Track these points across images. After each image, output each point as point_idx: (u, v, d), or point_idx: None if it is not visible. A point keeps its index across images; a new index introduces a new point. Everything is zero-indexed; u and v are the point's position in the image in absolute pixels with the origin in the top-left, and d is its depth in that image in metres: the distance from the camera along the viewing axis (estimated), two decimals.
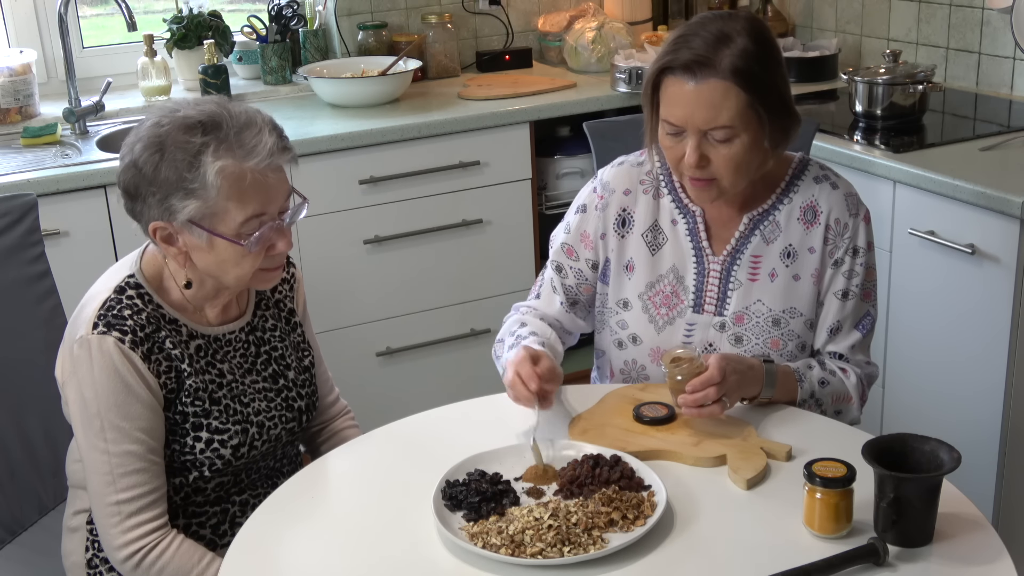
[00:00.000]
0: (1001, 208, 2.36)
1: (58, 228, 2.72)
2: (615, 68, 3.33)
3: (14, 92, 3.14)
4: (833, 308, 1.90)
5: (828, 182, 1.91)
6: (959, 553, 1.45)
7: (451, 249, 3.22)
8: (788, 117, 1.81)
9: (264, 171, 1.66)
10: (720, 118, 1.75)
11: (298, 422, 1.88)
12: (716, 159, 1.78)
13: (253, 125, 1.67)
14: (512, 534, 1.47)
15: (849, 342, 1.90)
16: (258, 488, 1.86)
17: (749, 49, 1.74)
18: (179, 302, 1.77)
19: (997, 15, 3.11)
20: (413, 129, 3.07)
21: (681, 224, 1.93)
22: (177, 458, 1.75)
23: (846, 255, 1.88)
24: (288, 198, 1.73)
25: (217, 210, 1.65)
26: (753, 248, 1.90)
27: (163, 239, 1.70)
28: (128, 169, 1.68)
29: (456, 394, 2.01)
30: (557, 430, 1.75)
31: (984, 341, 2.48)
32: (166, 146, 1.64)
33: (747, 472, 1.61)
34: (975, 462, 2.52)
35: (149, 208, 1.67)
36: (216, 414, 1.75)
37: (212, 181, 1.63)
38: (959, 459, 1.45)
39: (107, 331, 1.67)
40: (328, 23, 3.58)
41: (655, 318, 1.93)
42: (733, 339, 1.90)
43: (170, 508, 1.77)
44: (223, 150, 1.64)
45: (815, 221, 1.88)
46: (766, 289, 1.89)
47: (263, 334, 1.87)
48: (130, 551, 1.69)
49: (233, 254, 1.69)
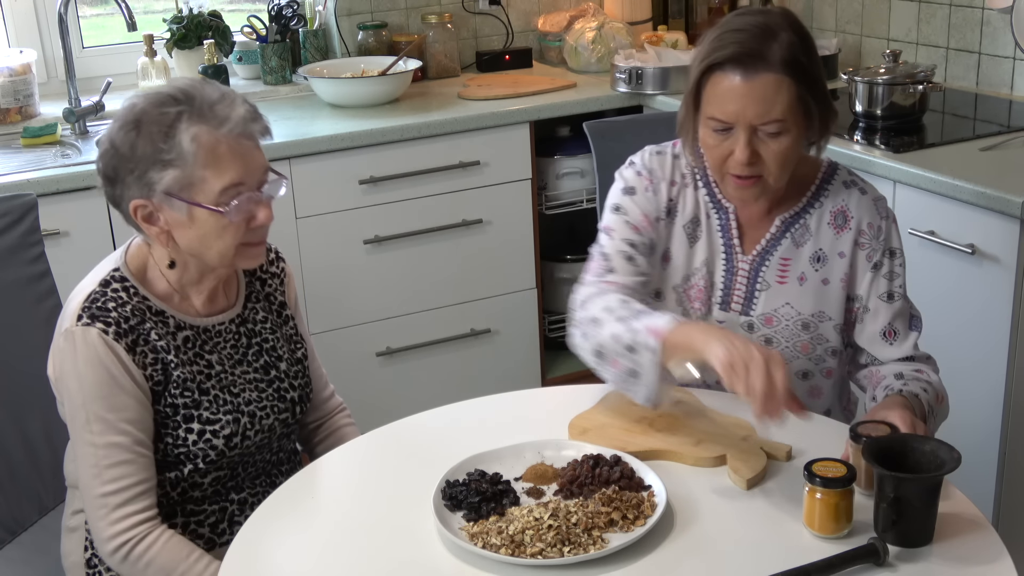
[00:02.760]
0: (1001, 208, 2.36)
1: (58, 228, 2.72)
2: (615, 68, 3.33)
3: (14, 92, 3.14)
4: (881, 311, 1.86)
5: (857, 187, 1.89)
6: (959, 553, 1.45)
7: (451, 249, 3.22)
8: (829, 110, 1.80)
9: (238, 139, 1.68)
10: (773, 112, 1.72)
11: (291, 412, 1.88)
12: (766, 155, 1.75)
13: (226, 97, 1.70)
14: (512, 534, 1.47)
15: (911, 342, 1.88)
16: (256, 487, 1.86)
17: (795, 41, 1.72)
18: (165, 293, 1.77)
19: (997, 15, 3.11)
20: (413, 129, 3.07)
21: (714, 219, 1.90)
22: (171, 451, 1.75)
23: (884, 258, 1.86)
24: (266, 173, 1.74)
25: (194, 180, 1.66)
26: (783, 251, 1.88)
27: (144, 218, 1.70)
28: (106, 153, 1.70)
29: (456, 394, 2.01)
30: (557, 430, 1.75)
31: (984, 341, 2.47)
32: (141, 122, 1.67)
33: (747, 472, 1.61)
34: (975, 462, 2.52)
35: (128, 188, 1.69)
36: (206, 404, 1.75)
37: (187, 148, 1.64)
38: (959, 459, 1.45)
39: (91, 323, 1.68)
40: (328, 23, 3.59)
41: (689, 312, 1.90)
42: (763, 341, 1.87)
43: (168, 506, 1.78)
44: (196, 118, 1.66)
45: (845, 226, 1.86)
46: (794, 292, 1.87)
47: (254, 326, 1.87)
48: (117, 543, 1.69)
49: (214, 225, 1.69)
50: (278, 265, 1.95)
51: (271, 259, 1.94)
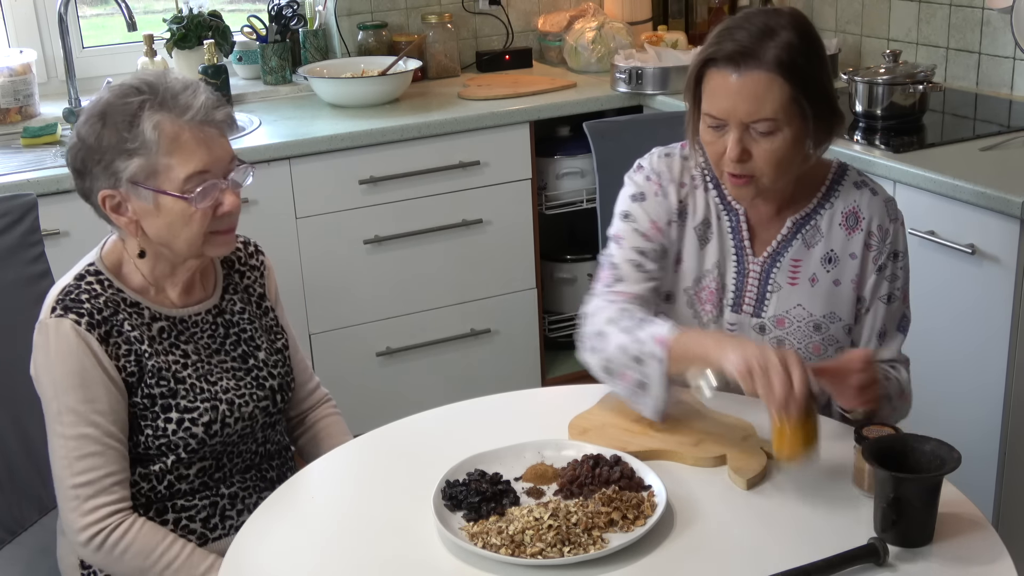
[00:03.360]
0: (1001, 208, 2.36)
1: (58, 228, 2.72)
2: (615, 68, 3.33)
3: (14, 92, 3.14)
4: (880, 313, 1.87)
5: (868, 188, 1.88)
6: (959, 553, 1.45)
7: (451, 249, 3.22)
8: (832, 114, 1.79)
9: (201, 126, 1.70)
10: (763, 110, 1.72)
11: (272, 401, 1.88)
12: (757, 153, 1.75)
13: (189, 87, 1.73)
14: (512, 534, 1.47)
15: (896, 345, 1.90)
16: (247, 480, 1.86)
17: (794, 43, 1.72)
18: (140, 286, 1.79)
19: (997, 15, 3.11)
20: (413, 129, 3.07)
21: (725, 221, 1.90)
22: (152, 443, 1.76)
23: (888, 260, 1.86)
24: (232, 162, 1.76)
25: (159, 168, 1.68)
26: (794, 252, 1.87)
27: (112, 208, 1.73)
28: (74, 147, 1.73)
29: (456, 394, 2.01)
30: (557, 430, 1.75)
31: (984, 341, 2.47)
32: (106, 113, 1.70)
33: (747, 472, 1.61)
34: (975, 462, 2.52)
35: (96, 179, 1.72)
36: (183, 393, 1.76)
37: (150, 137, 1.67)
38: (959, 459, 1.45)
39: (64, 314, 1.70)
40: (328, 23, 3.59)
41: (700, 314, 1.90)
42: (775, 342, 1.87)
43: (158, 501, 1.79)
44: (158, 106, 1.69)
45: (857, 227, 1.86)
46: (806, 294, 1.87)
47: (231, 316, 1.88)
48: (90, 534, 1.70)
49: (180, 213, 1.71)
50: (257, 258, 1.97)
51: (250, 252, 1.96)
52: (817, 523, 1.52)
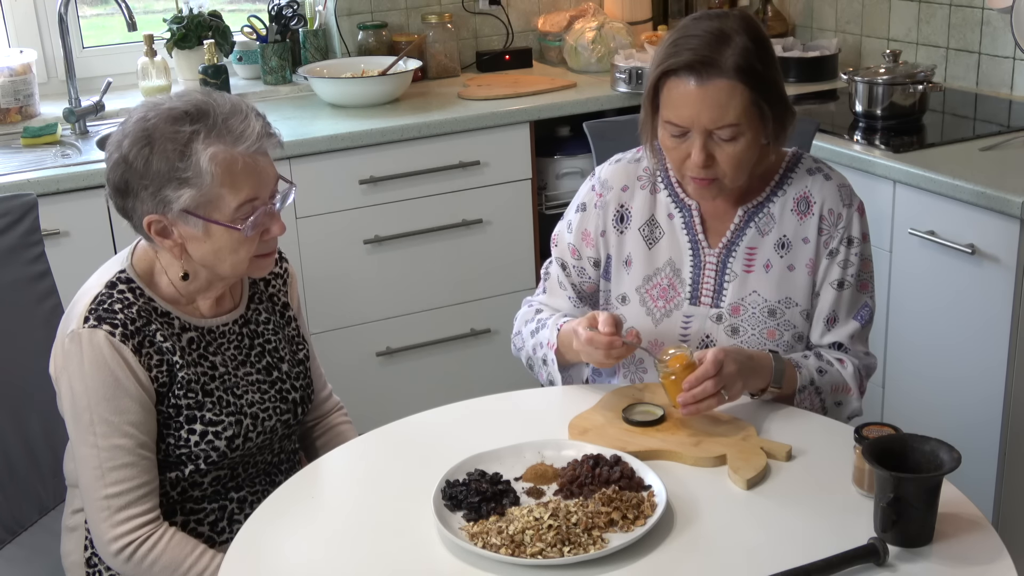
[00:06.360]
0: (1001, 208, 2.36)
1: (58, 228, 2.72)
2: (615, 68, 3.33)
3: (14, 92, 3.14)
4: (829, 298, 1.90)
5: (821, 174, 1.92)
6: (959, 553, 1.45)
7: (451, 249, 3.22)
8: (786, 111, 1.84)
9: (254, 155, 1.68)
10: (727, 117, 1.76)
11: (293, 414, 1.88)
12: (721, 158, 1.79)
13: (239, 112, 1.69)
14: (512, 534, 1.47)
15: (847, 331, 1.91)
16: (256, 485, 1.86)
17: (749, 47, 1.76)
18: (171, 295, 1.77)
19: (997, 15, 3.11)
20: (413, 129, 3.07)
21: (677, 218, 1.94)
22: (172, 452, 1.75)
23: (840, 245, 1.89)
24: (277, 183, 1.74)
25: (212, 197, 1.66)
26: (748, 240, 1.91)
27: (158, 232, 1.70)
28: (117, 166, 1.68)
29: (456, 394, 2.01)
30: (557, 430, 1.75)
31: (984, 341, 2.48)
32: (155, 138, 1.65)
33: (747, 472, 1.61)
34: (975, 462, 2.52)
35: (142, 203, 1.68)
36: (209, 406, 1.75)
37: (205, 168, 1.64)
38: (959, 459, 1.45)
39: (98, 325, 1.68)
40: (328, 23, 3.59)
41: (652, 311, 1.94)
42: (729, 330, 1.91)
43: (167, 505, 1.78)
44: (213, 137, 1.65)
45: (808, 212, 1.90)
46: (761, 280, 1.90)
47: (256, 327, 1.87)
48: (120, 544, 1.70)
49: (230, 240, 1.70)
50: (281, 265, 1.95)
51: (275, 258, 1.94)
52: (817, 523, 1.52)
